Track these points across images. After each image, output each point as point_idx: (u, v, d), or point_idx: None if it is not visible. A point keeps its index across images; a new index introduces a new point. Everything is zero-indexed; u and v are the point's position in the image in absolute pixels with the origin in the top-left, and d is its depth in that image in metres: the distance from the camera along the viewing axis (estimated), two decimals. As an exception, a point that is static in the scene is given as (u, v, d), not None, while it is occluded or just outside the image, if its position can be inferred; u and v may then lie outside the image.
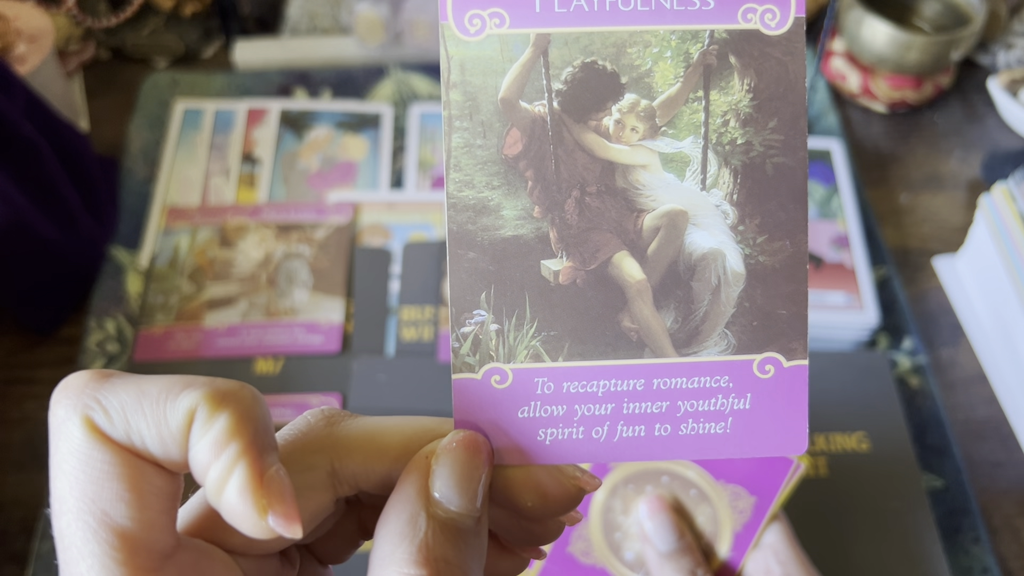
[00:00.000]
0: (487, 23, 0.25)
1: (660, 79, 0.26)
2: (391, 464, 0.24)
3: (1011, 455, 0.62)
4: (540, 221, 0.26)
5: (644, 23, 0.26)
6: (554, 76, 0.26)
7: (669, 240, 0.26)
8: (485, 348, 0.26)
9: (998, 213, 0.66)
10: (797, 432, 0.26)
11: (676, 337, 0.26)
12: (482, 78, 0.25)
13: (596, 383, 0.26)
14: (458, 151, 0.26)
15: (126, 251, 0.70)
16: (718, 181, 0.26)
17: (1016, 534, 0.58)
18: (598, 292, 0.26)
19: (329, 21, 0.87)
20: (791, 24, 0.26)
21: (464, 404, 0.25)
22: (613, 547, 0.46)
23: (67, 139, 0.67)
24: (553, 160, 0.26)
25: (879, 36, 0.79)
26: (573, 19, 0.25)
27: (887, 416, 0.60)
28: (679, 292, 0.26)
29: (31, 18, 0.73)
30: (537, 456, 0.25)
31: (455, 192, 0.26)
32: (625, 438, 0.26)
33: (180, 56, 0.86)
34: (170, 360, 0.63)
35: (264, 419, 0.21)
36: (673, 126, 0.26)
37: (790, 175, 0.26)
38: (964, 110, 0.84)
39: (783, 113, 0.26)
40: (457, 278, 0.25)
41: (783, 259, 0.26)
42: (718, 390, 0.26)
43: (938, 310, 0.69)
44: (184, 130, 0.78)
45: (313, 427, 0.24)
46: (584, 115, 0.26)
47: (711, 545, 0.45)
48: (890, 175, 0.79)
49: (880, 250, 0.71)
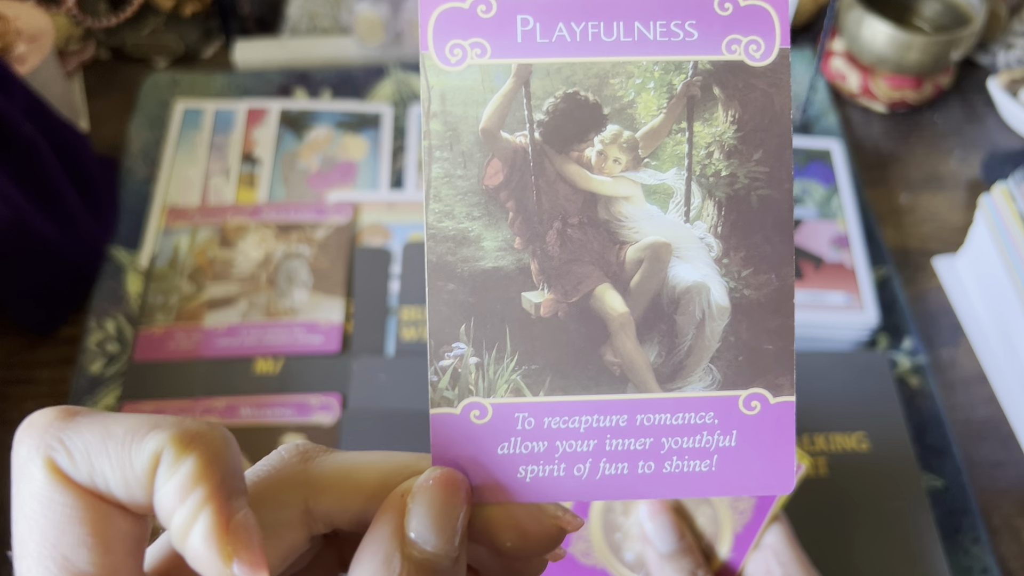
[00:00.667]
0: (468, 53, 0.25)
1: (643, 110, 0.26)
2: (366, 502, 0.23)
3: (1011, 455, 0.62)
4: (521, 252, 0.25)
5: (627, 54, 0.25)
6: (536, 107, 0.25)
7: (652, 273, 0.26)
8: (464, 382, 0.25)
9: (998, 213, 0.66)
10: (784, 470, 0.26)
11: (660, 372, 0.26)
12: (463, 108, 0.25)
13: (578, 419, 0.25)
14: (438, 181, 0.25)
15: (126, 251, 0.70)
16: (702, 213, 0.26)
17: (1016, 534, 0.58)
18: (580, 325, 0.25)
19: (329, 21, 0.87)
20: (776, 55, 0.26)
21: (442, 440, 0.25)
22: (613, 548, 0.46)
23: (67, 139, 0.67)
24: (535, 191, 0.26)
25: (879, 36, 0.79)
26: (555, 50, 0.25)
27: (887, 416, 0.60)
28: (663, 326, 0.26)
29: (31, 18, 0.73)
30: (517, 494, 0.25)
31: (435, 223, 0.25)
32: (608, 475, 0.25)
33: (180, 56, 0.86)
34: (170, 360, 0.63)
35: (233, 461, 0.21)
36: (656, 157, 0.26)
37: (775, 207, 0.26)
38: (964, 110, 0.84)
39: (768, 145, 0.26)
40: (436, 310, 0.25)
41: (768, 293, 0.26)
42: (703, 427, 0.25)
43: (938, 310, 0.69)
44: (184, 130, 0.78)
45: (287, 463, 0.24)
46: (566, 146, 0.26)
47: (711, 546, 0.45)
48: (890, 175, 0.79)
49: (880, 250, 0.71)
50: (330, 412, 0.61)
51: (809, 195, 0.70)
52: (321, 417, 0.60)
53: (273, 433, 0.60)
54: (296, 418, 0.60)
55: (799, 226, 0.68)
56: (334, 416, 0.60)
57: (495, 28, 0.25)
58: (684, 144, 0.26)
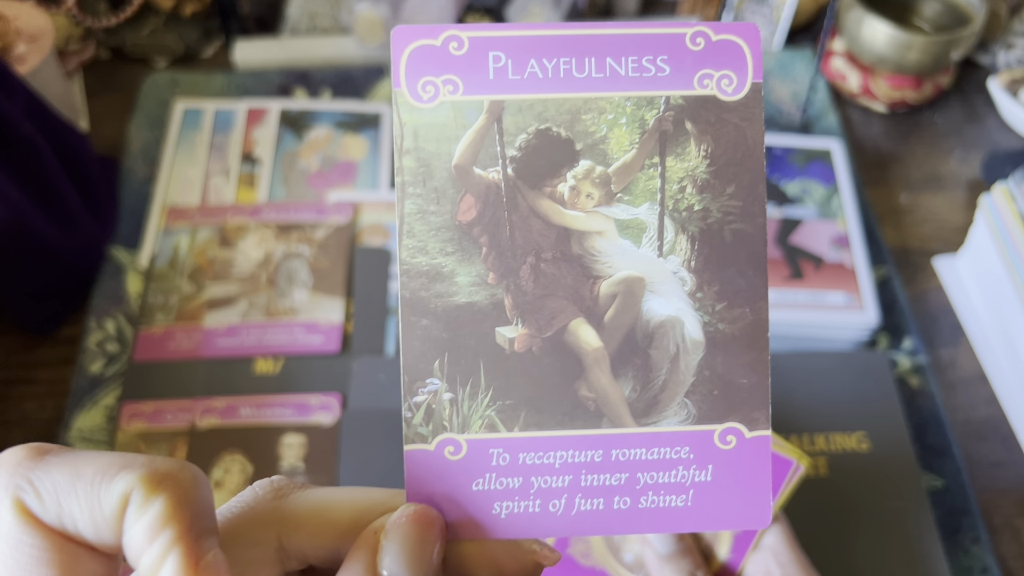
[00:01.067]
0: (440, 90, 0.25)
1: (615, 145, 0.26)
2: (340, 539, 0.23)
3: (1011, 455, 0.62)
4: (495, 288, 0.26)
5: (599, 90, 0.26)
6: (508, 143, 0.25)
7: (626, 307, 0.26)
8: (439, 418, 0.25)
9: (998, 213, 0.66)
10: (760, 505, 0.26)
11: (635, 406, 0.26)
12: (436, 144, 0.25)
13: (553, 454, 0.25)
14: (411, 217, 0.25)
15: (126, 251, 0.70)
16: (675, 248, 0.26)
17: (1016, 534, 0.58)
18: (554, 360, 0.25)
19: (329, 21, 0.87)
20: (748, 90, 0.26)
21: (417, 476, 0.25)
22: (612, 549, 0.46)
23: (67, 139, 0.67)
24: (508, 226, 0.26)
25: (879, 36, 0.79)
26: (527, 86, 0.25)
27: (887, 416, 0.60)
28: (637, 360, 0.26)
29: (31, 18, 0.73)
30: (492, 530, 0.25)
31: (408, 259, 0.25)
32: (583, 511, 0.25)
33: (180, 56, 0.86)
34: (170, 360, 0.63)
35: (203, 501, 0.21)
36: (629, 192, 0.26)
37: (749, 241, 0.26)
38: (964, 110, 0.84)
39: (741, 179, 0.26)
40: (410, 346, 0.25)
41: (743, 327, 0.26)
42: (678, 461, 0.25)
43: (938, 310, 0.69)
44: (184, 130, 0.78)
45: (260, 500, 0.24)
46: (539, 181, 0.26)
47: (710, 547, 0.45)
48: (890, 175, 0.79)
49: (880, 250, 0.71)
50: (330, 412, 0.61)
51: (809, 195, 0.70)
52: (321, 417, 0.60)
53: (273, 433, 0.60)
54: (296, 418, 0.60)
55: (799, 226, 0.68)
56: (334, 416, 0.60)
57: (467, 65, 0.25)
58: (657, 179, 0.26)
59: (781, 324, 0.63)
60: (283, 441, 0.59)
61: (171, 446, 0.59)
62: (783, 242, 0.67)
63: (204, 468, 0.58)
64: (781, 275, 0.65)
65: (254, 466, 0.58)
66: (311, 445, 0.59)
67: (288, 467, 0.58)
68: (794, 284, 0.64)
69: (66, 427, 0.60)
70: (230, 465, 0.58)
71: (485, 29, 0.25)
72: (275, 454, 0.59)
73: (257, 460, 0.59)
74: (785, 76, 0.85)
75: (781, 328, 0.64)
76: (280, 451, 0.59)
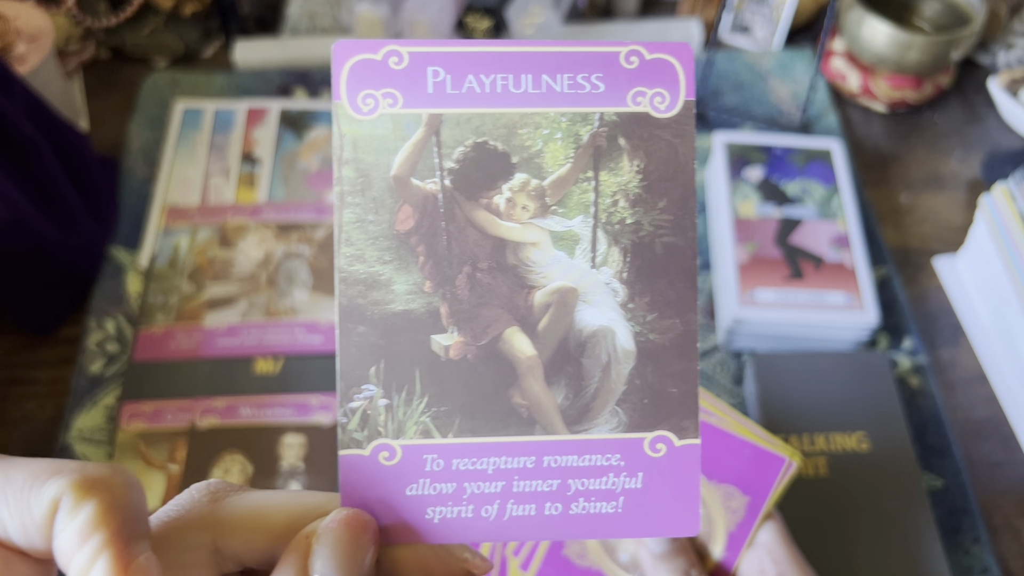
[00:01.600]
0: (380, 103, 0.26)
1: (550, 159, 0.26)
2: (274, 542, 0.23)
3: (1011, 455, 0.62)
4: (431, 296, 0.26)
5: (535, 105, 0.26)
6: (446, 155, 0.26)
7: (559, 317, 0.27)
8: (374, 424, 0.25)
9: (998, 213, 0.66)
10: (689, 513, 0.26)
11: (567, 414, 0.26)
12: (375, 156, 0.26)
13: (486, 460, 0.26)
14: (349, 226, 0.26)
15: (126, 251, 0.70)
16: (608, 259, 0.27)
17: (1016, 534, 0.58)
18: (489, 368, 0.26)
19: (329, 21, 0.87)
20: (680, 107, 0.26)
21: (351, 481, 0.25)
22: (608, 549, 0.46)
23: (67, 139, 0.67)
24: (445, 236, 0.26)
25: (879, 36, 0.79)
26: (465, 100, 0.26)
27: (887, 416, 0.60)
28: (570, 368, 0.26)
29: (31, 18, 0.73)
30: (425, 535, 0.25)
31: (346, 266, 0.26)
32: (515, 517, 0.26)
33: (180, 56, 0.86)
34: (170, 360, 0.63)
35: (134, 506, 0.21)
36: (563, 205, 0.27)
37: (679, 254, 0.26)
38: (964, 110, 0.84)
39: (672, 194, 0.27)
40: (346, 352, 0.26)
41: (673, 337, 0.26)
42: (609, 468, 0.26)
43: (938, 310, 0.69)
44: (184, 130, 0.78)
45: (196, 503, 0.24)
46: (475, 193, 0.26)
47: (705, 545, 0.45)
48: (890, 175, 0.79)
49: (880, 250, 0.71)
50: (330, 412, 0.61)
51: (809, 195, 0.70)
52: (321, 417, 0.60)
53: (273, 433, 0.60)
54: (296, 418, 0.60)
55: (799, 226, 0.68)
56: (334, 416, 0.60)
57: (407, 79, 0.26)
58: (590, 192, 0.27)
59: (781, 324, 0.63)
60: (283, 441, 0.59)
61: (171, 446, 0.59)
62: (783, 242, 0.67)
63: (204, 468, 0.58)
64: (781, 275, 0.65)
65: (254, 466, 0.58)
66: (311, 445, 0.59)
67: (288, 467, 0.58)
68: (794, 284, 0.64)
69: (66, 427, 0.60)
70: (230, 465, 0.58)
71: (425, 45, 0.26)
72: (275, 454, 0.59)
73: (257, 460, 0.59)
74: (785, 76, 0.85)
75: (781, 328, 0.64)
76: (280, 451, 0.59)
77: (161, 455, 0.59)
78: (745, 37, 0.76)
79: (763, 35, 0.75)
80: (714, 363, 0.65)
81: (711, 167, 0.75)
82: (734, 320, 0.63)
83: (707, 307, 0.68)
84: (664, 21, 0.89)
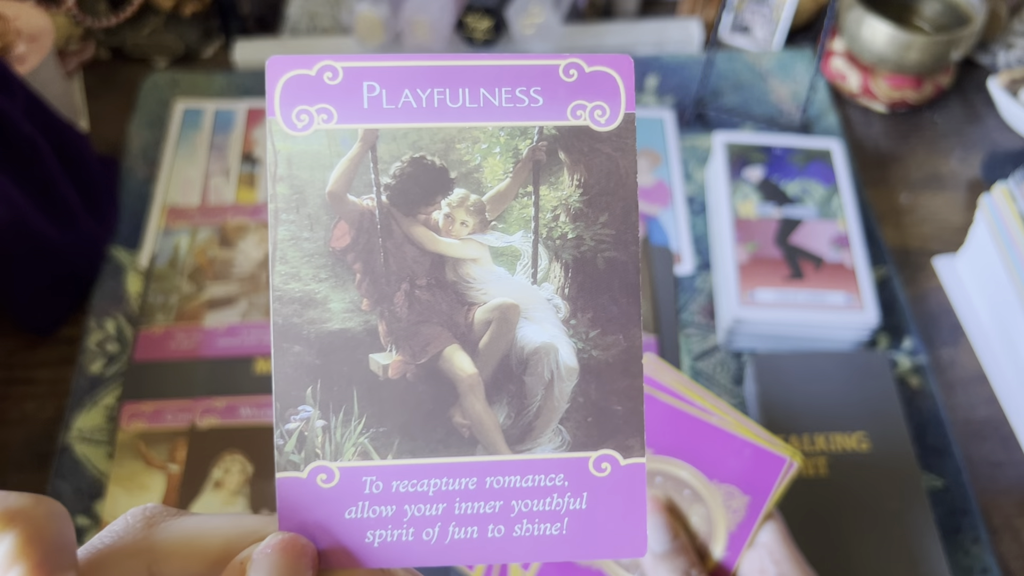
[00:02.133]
0: (315, 118, 0.25)
1: (489, 174, 0.26)
2: (210, 568, 0.23)
3: (1011, 455, 0.62)
4: (369, 314, 0.26)
5: (473, 120, 0.26)
6: (383, 170, 0.26)
7: (500, 334, 0.26)
8: (311, 445, 0.25)
9: (998, 213, 0.66)
10: (635, 533, 0.26)
11: (509, 433, 0.26)
12: (309, 172, 0.25)
13: (427, 482, 0.25)
14: (284, 243, 0.25)
15: (126, 251, 0.70)
16: (549, 275, 0.26)
17: (1016, 534, 0.58)
18: (429, 387, 0.26)
19: (329, 21, 0.87)
20: (621, 120, 0.26)
21: (289, 504, 0.25)
22: None
23: (67, 139, 0.67)
24: (382, 253, 0.26)
25: (879, 36, 0.79)
26: (401, 115, 0.26)
27: (887, 416, 0.60)
28: (512, 387, 0.26)
29: (31, 18, 0.73)
30: (365, 559, 0.25)
31: (281, 284, 0.25)
32: (457, 540, 0.25)
33: (180, 56, 0.86)
34: (170, 360, 0.63)
35: (59, 536, 0.21)
36: (503, 220, 0.26)
37: (622, 269, 0.26)
38: (964, 110, 0.84)
39: (614, 208, 0.26)
40: (282, 372, 0.25)
41: (617, 354, 0.26)
42: (553, 489, 0.25)
43: (938, 310, 0.69)
44: (184, 130, 0.78)
45: (130, 529, 0.23)
46: (413, 209, 0.26)
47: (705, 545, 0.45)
48: (890, 175, 0.79)
49: (880, 250, 0.71)
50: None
51: (809, 195, 0.70)
52: (321, 417, 0.60)
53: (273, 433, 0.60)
54: (296, 418, 0.60)
55: (799, 226, 0.68)
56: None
57: (341, 94, 0.25)
58: (531, 207, 0.26)
59: (781, 324, 0.63)
60: (283, 441, 0.59)
61: (171, 446, 0.59)
62: (783, 242, 0.67)
63: (204, 468, 0.58)
64: (781, 275, 0.65)
65: (254, 466, 0.58)
66: (311, 445, 0.59)
67: (288, 467, 0.58)
68: (794, 284, 0.64)
69: (66, 427, 0.60)
70: (230, 465, 0.58)
71: (359, 60, 0.26)
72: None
73: (257, 460, 0.59)
74: (785, 76, 0.85)
75: (781, 328, 0.64)
76: (280, 451, 0.59)
77: (161, 455, 0.59)
78: (745, 37, 0.76)
79: (763, 35, 0.75)
80: (714, 363, 0.65)
81: (711, 167, 0.75)
82: (734, 320, 0.63)
83: (707, 307, 0.68)
84: (664, 21, 0.89)
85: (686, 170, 0.77)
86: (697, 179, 0.76)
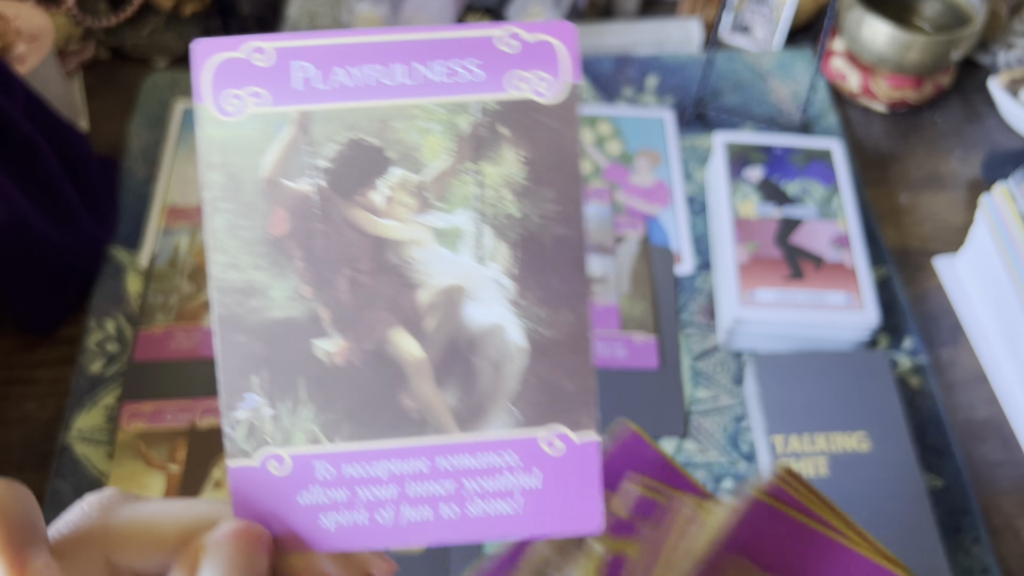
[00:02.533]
0: (246, 102, 0.25)
1: (429, 153, 0.25)
2: (167, 555, 0.23)
3: (1011, 455, 0.62)
4: (311, 301, 0.25)
5: (409, 96, 0.25)
6: (318, 153, 0.25)
7: (447, 316, 0.26)
8: (260, 433, 0.25)
9: (998, 213, 0.66)
10: (591, 510, 0.25)
11: (459, 414, 0.25)
12: (243, 158, 0.25)
13: (378, 464, 0.25)
14: (221, 233, 0.25)
15: (126, 251, 0.70)
16: (495, 254, 0.26)
17: (1016, 534, 0.58)
18: (376, 371, 0.25)
19: (329, 21, 0.87)
20: (566, 92, 0.25)
21: (242, 492, 0.25)
22: None
23: (67, 139, 0.67)
24: (322, 238, 0.25)
25: (879, 36, 0.79)
26: (336, 95, 0.25)
27: (887, 416, 0.60)
28: (460, 368, 0.26)
29: (31, 18, 0.73)
30: (321, 543, 0.25)
31: (220, 274, 0.25)
32: (412, 521, 0.25)
33: (180, 56, 0.86)
34: (170, 360, 0.63)
35: (26, 514, 0.21)
36: (445, 200, 0.26)
37: (569, 246, 0.25)
38: (964, 110, 0.84)
39: (559, 183, 0.25)
40: (227, 363, 0.25)
41: (566, 331, 0.26)
42: (505, 467, 0.25)
43: (938, 310, 0.69)
44: (184, 130, 0.78)
45: (86, 516, 0.23)
46: (351, 192, 0.25)
47: None
48: (890, 175, 0.79)
49: (880, 250, 0.71)
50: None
51: (809, 195, 0.70)
52: (321, 417, 0.60)
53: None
54: (296, 418, 0.60)
55: (799, 226, 0.68)
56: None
57: (272, 76, 0.25)
58: (473, 186, 0.26)
59: (781, 324, 0.63)
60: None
61: (171, 446, 0.59)
62: (783, 242, 0.67)
63: (204, 468, 0.58)
64: (781, 275, 0.65)
65: (254, 466, 0.58)
66: (311, 445, 0.59)
67: (288, 467, 0.58)
68: (794, 284, 0.64)
69: (66, 427, 0.60)
70: (230, 465, 0.58)
71: (289, 39, 0.25)
72: (275, 454, 0.59)
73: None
74: (785, 76, 0.85)
75: (781, 328, 0.64)
76: (280, 451, 0.59)
77: (161, 455, 0.59)
78: (745, 37, 0.76)
79: (763, 35, 0.75)
80: (714, 363, 0.65)
81: (711, 167, 0.75)
82: (734, 320, 0.63)
83: (707, 307, 0.68)
84: (664, 21, 0.89)
85: (686, 170, 0.77)
86: (697, 179, 0.76)
